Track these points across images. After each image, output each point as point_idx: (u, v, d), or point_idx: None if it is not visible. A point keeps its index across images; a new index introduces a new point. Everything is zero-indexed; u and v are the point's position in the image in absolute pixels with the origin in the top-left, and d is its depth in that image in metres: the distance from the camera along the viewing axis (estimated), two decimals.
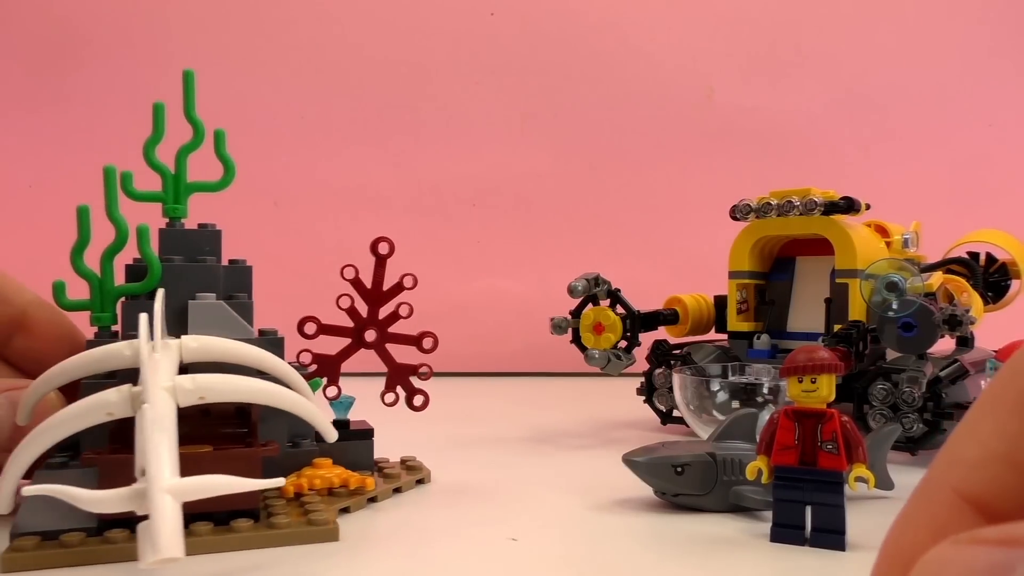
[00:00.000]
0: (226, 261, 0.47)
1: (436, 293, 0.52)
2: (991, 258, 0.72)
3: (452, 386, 0.57)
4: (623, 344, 0.67)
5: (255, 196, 1.13)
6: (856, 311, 0.62)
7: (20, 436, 0.40)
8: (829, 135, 1.28)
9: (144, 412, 0.33)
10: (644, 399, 0.75)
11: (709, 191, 1.03)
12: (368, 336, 0.51)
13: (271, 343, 0.44)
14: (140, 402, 0.34)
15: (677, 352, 0.72)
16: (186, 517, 0.31)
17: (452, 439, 0.67)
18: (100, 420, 0.36)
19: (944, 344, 0.63)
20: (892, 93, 1.29)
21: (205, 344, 0.40)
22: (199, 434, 0.41)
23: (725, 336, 0.72)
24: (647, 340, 0.72)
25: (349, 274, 0.50)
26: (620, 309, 0.67)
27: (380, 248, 0.50)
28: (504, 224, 1.25)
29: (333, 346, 0.50)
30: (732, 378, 0.65)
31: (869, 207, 0.65)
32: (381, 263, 0.50)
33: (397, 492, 0.49)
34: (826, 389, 0.39)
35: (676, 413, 0.70)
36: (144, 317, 0.38)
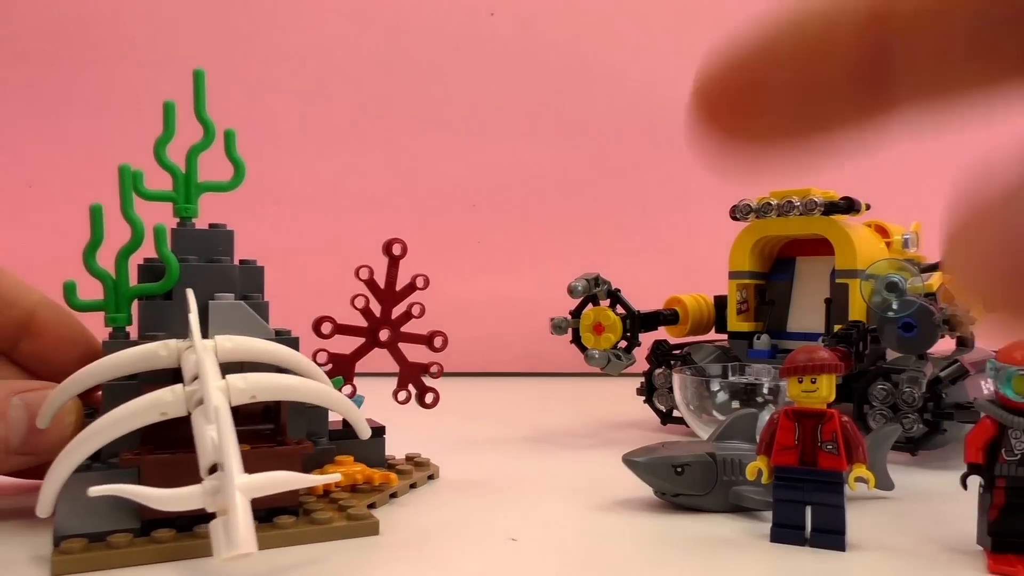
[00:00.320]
0: (235, 261, 0.47)
1: (436, 293, 0.53)
2: None
3: (452, 386, 0.58)
4: (623, 344, 0.67)
5: (255, 196, 1.12)
6: (856, 311, 0.62)
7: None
8: None
9: (212, 412, 0.34)
10: (644, 399, 0.75)
11: (709, 191, 1.03)
12: (382, 335, 0.51)
13: (288, 343, 0.44)
14: (196, 402, 0.35)
15: (677, 352, 0.72)
16: None
17: (453, 439, 0.66)
18: (154, 420, 0.36)
19: (944, 344, 0.63)
20: None
21: (240, 344, 0.40)
22: None
23: (725, 336, 0.72)
24: (647, 340, 0.71)
25: (364, 274, 0.50)
26: (620, 309, 0.67)
27: (394, 249, 0.50)
28: (504, 224, 1.25)
29: (345, 346, 0.50)
30: (732, 378, 0.65)
31: (869, 207, 0.65)
32: (394, 263, 0.51)
33: (413, 488, 0.50)
34: (826, 389, 0.39)
35: (676, 413, 0.70)
36: (194, 317, 0.39)
